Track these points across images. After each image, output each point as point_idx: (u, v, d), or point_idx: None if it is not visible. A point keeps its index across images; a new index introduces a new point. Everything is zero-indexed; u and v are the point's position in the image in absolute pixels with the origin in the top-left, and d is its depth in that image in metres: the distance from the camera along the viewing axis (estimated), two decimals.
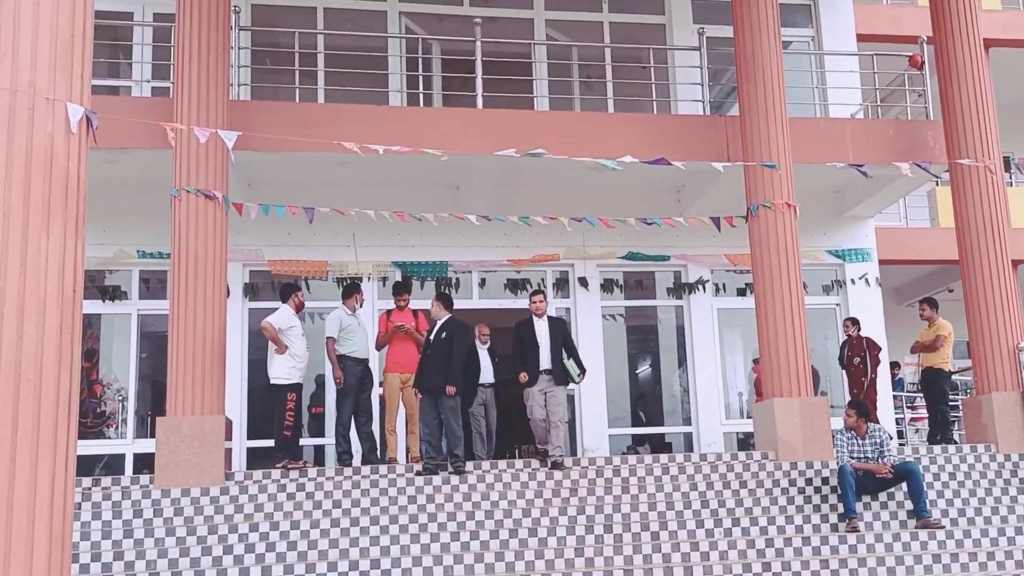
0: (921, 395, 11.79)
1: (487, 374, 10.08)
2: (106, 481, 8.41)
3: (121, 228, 10.71)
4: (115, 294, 10.96)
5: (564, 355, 9.20)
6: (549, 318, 9.45)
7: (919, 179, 11.09)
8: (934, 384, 10.84)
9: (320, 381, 10.96)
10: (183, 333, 8.67)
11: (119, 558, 7.38)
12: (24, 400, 4.13)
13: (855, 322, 11.10)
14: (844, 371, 11.18)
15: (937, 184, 13.86)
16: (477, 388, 9.99)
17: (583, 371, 9.42)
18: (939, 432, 10.70)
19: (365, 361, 9.53)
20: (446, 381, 8.87)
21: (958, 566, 7.82)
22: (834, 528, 8.41)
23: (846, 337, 11.10)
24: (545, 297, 9.61)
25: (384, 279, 11.37)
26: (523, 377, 9.15)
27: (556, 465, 8.87)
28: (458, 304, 10.02)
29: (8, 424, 4.08)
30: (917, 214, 15.35)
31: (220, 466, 8.44)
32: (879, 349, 11.01)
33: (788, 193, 9.82)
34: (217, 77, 9.20)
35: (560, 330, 9.37)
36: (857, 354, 10.87)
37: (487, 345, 10.25)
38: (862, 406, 8.93)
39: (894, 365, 13.22)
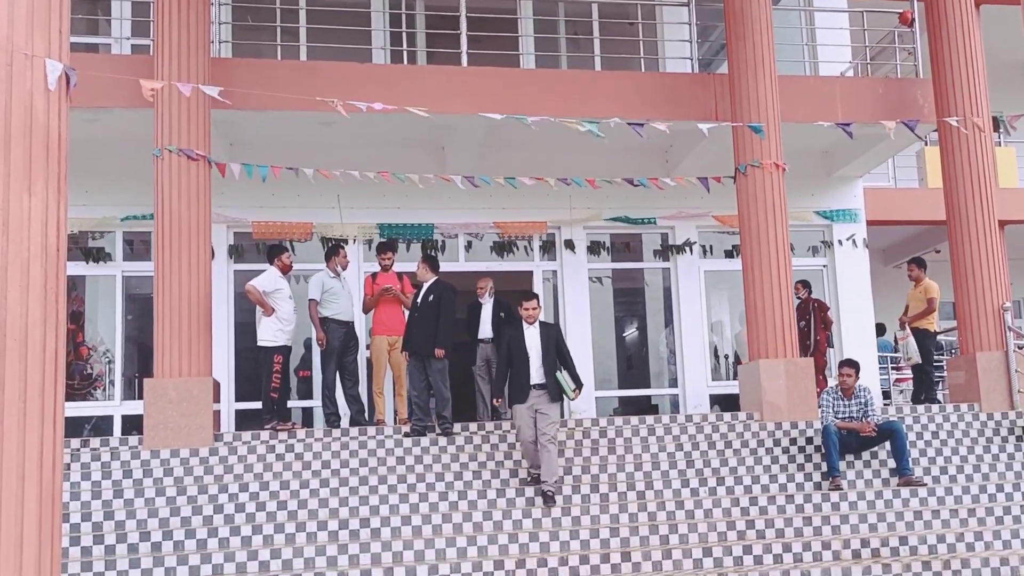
0: (904, 357, 11.86)
1: (486, 328, 10.05)
2: (95, 442, 8.40)
3: (104, 189, 10.59)
4: (99, 256, 10.86)
5: (557, 367, 8.11)
6: (541, 324, 8.27)
7: (908, 139, 11.08)
8: (920, 344, 10.92)
9: (308, 344, 10.94)
10: (168, 295, 8.62)
11: (109, 518, 7.40)
12: (10, 360, 4.10)
13: (806, 285, 11.21)
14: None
15: (926, 144, 13.85)
16: (479, 345, 9.96)
17: (579, 386, 8.17)
18: (923, 392, 10.81)
19: (349, 324, 9.50)
20: (435, 344, 8.84)
21: (939, 523, 7.94)
22: (817, 486, 8.51)
23: (798, 300, 11.09)
24: (539, 302, 8.44)
25: (369, 241, 11.31)
26: (497, 402, 8.61)
27: (545, 497, 7.79)
28: (444, 267, 9.98)
29: None
30: (906, 174, 15.33)
31: (208, 427, 8.44)
32: (827, 310, 11.15)
33: (776, 153, 9.79)
34: (198, 34, 9.05)
35: (553, 338, 8.23)
36: (802, 317, 10.93)
37: (491, 299, 10.17)
38: (858, 365, 8.97)
39: (879, 328, 13.30)
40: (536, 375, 8.02)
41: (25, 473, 4.11)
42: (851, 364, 8.97)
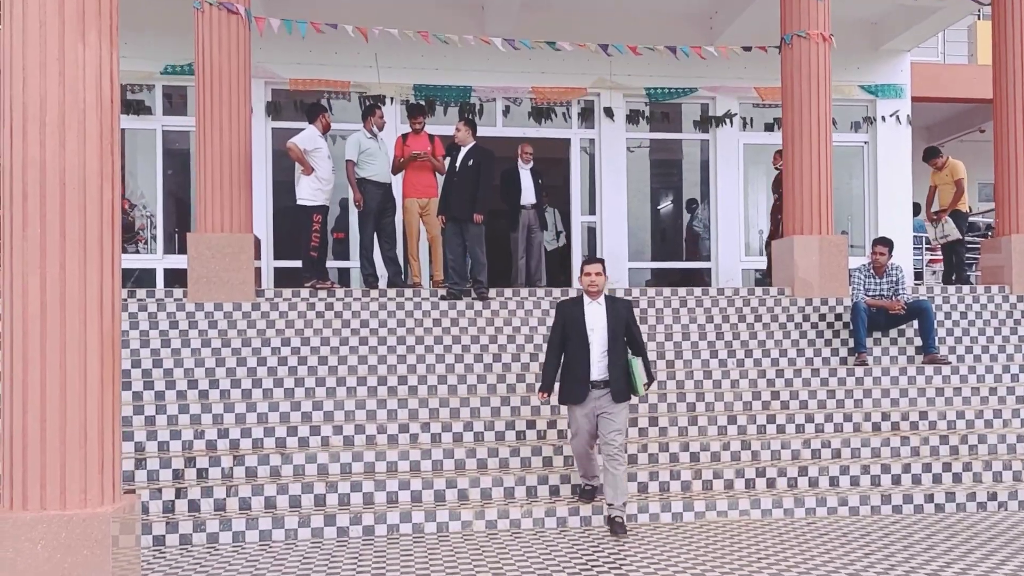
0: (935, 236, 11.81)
1: (528, 194, 10.08)
2: (141, 293, 8.66)
3: (143, 42, 10.52)
4: (139, 109, 10.91)
5: (629, 354, 6.25)
6: (608, 299, 6.29)
7: (960, 11, 10.69)
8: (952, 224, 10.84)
9: (344, 205, 11.05)
10: (209, 149, 8.67)
11: (158, 365, 7.71)
12: (70, 207, 4.23)
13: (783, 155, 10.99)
14: None
15: (979, 18, 13.36)
16: (521, 211, 10.00)
17: (651, 379, 6.32)
18: (955, 272, 10.80)
19: (386, 185, 9.53)
20: (473, 209, 8.88)
21: (960, 399, 8.09)
22: (843, 362, 8.66)
23: (777, 171, 10.83)
24: (604, 268, 6.33)
25: (406, 101, 11.25)
26: (543, 397, 6.33)
27: (614, 525, 6.04)
28: (481, 131, 9.92)
29: (57, 231, 4.20)
30: (955, 49, 14.85)
31: (250, 282, 8.66)
32: None
33: (824, 24, 9.50)
34: None
35: (623, 318, 6.22)
36: (777, 190, 10.74)
37: (530, 165, 10.17)
38: (892, 243, 8.95)
39: (915, 207, 13.19)
40: (598, 368, 6.14)
41: (87, 316, 4.30)
42: (884, 242, 8.92)
